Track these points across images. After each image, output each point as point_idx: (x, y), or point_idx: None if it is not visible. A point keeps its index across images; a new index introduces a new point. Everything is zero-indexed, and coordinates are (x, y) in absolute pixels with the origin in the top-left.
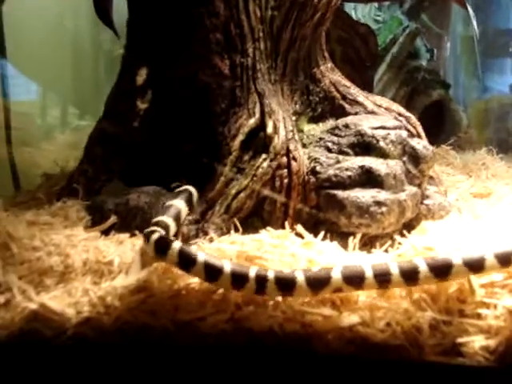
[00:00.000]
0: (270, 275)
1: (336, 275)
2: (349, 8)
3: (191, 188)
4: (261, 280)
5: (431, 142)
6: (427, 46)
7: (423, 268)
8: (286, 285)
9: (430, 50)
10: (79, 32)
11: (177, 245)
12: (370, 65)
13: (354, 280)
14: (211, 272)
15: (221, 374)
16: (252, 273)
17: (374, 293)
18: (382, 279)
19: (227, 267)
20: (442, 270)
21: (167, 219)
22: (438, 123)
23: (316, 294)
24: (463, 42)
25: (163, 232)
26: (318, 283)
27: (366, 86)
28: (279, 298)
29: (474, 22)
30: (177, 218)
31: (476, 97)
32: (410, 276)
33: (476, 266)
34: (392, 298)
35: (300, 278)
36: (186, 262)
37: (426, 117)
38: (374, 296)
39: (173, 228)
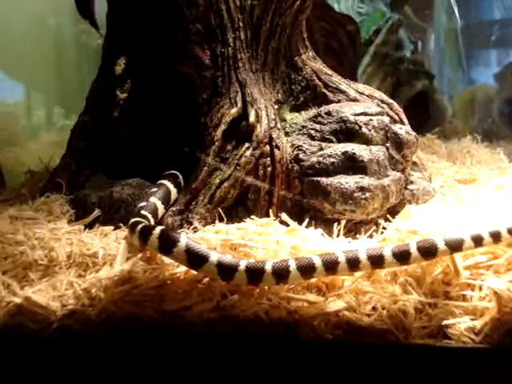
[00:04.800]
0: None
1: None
2: (332, 1)
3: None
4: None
5: (417, 132)
6: (411, 37)
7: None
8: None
9: (413, 41)
10: (62, 30)
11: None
12: (353, 56)
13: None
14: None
15: (208, 362)
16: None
17: (359, 277)
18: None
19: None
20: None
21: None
22: (423, 113)
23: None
24: (447, 33)
25: (146, 222)
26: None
27: (350, 78)
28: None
29: (457, 14)
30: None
31: (461, 87)
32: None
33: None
34: (377, 282)
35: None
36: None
37: (411, 107)
38: (359, 281)
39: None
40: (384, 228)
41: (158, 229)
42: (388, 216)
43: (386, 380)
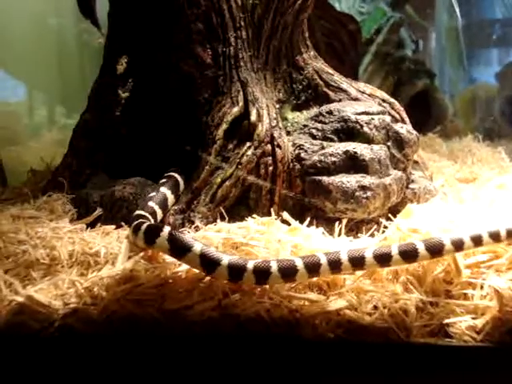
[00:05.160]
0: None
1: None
2: (333, 0)
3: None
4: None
5: (418, 131)
6: (412, 36)
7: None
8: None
9: (414, 41)
10: (63, 30)
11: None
12: (354, 56)
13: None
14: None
15: (209, 361)
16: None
17: (360, 276)
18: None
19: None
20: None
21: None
22: (424, 112)
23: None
24: (448, 32)
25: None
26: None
27: (351, 77)
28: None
29: (458, 13)
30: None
31: (462, 87)
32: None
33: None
34: (378, 280)
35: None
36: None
37: (412, 106)
38: (361, 279)
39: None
40: (385, 227)
41: (167, 230)
42: (389, 215)
43: (387, 379)
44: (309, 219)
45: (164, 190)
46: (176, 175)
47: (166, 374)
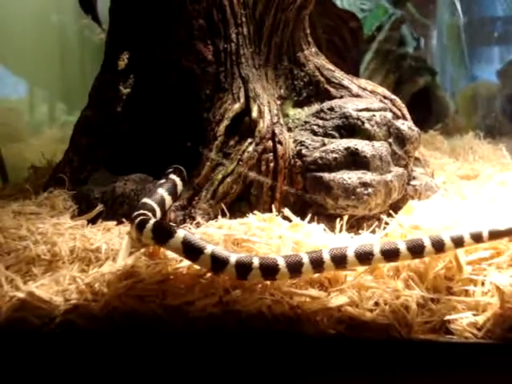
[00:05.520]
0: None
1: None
2: None
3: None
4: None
5: (419, 128)
6: (413, 34)
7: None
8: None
9: (415, 38)
10: (64, 26)
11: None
12: (355, 53)
13: None
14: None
15: (210, 357)
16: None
17: (362, 273)
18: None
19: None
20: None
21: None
22: (426, 110)
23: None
24: (449, 30)
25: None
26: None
27: (353, 74)
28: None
29: (460, 10)
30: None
31: (463, 84)
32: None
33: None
34: (379, 277)
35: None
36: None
37: (413, 104)
38: (362, 276)
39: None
40: (386, 223)
41: (182, 233)
42: (390, 211)
43: (387, 375)
44: (310, 216)
45: (161, 191)
46: (174, 177)
47: (168, 370)
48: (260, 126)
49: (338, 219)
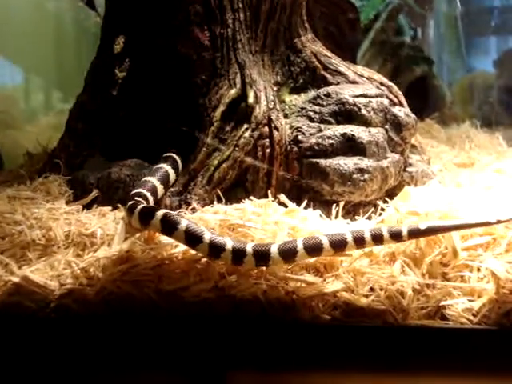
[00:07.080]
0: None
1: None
2: None
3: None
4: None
5: (416, 117)
6: (410, 23)
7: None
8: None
9: (412, 28)
10: (60, 14)
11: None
12: (352, 42)
13: None
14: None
15: (205, 342)
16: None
17: (357, 258)
18: None
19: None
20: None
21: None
22: (422, 99)
23: None
24: (446, 19)
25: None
26: None
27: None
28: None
29: (457, 0)
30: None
31: (460, 74)
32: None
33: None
34: (375, 262)
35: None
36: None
37: (410, 93)
38: (358, 261)
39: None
40: (382, 209)
41: (185, 223)
42: (386, 198)
43: (383, 361)
44: (306, 201)
45: (165, 166)
46: (174, 155)
47: (162, 355)
48: (256, 111)
49: (334, 205)
